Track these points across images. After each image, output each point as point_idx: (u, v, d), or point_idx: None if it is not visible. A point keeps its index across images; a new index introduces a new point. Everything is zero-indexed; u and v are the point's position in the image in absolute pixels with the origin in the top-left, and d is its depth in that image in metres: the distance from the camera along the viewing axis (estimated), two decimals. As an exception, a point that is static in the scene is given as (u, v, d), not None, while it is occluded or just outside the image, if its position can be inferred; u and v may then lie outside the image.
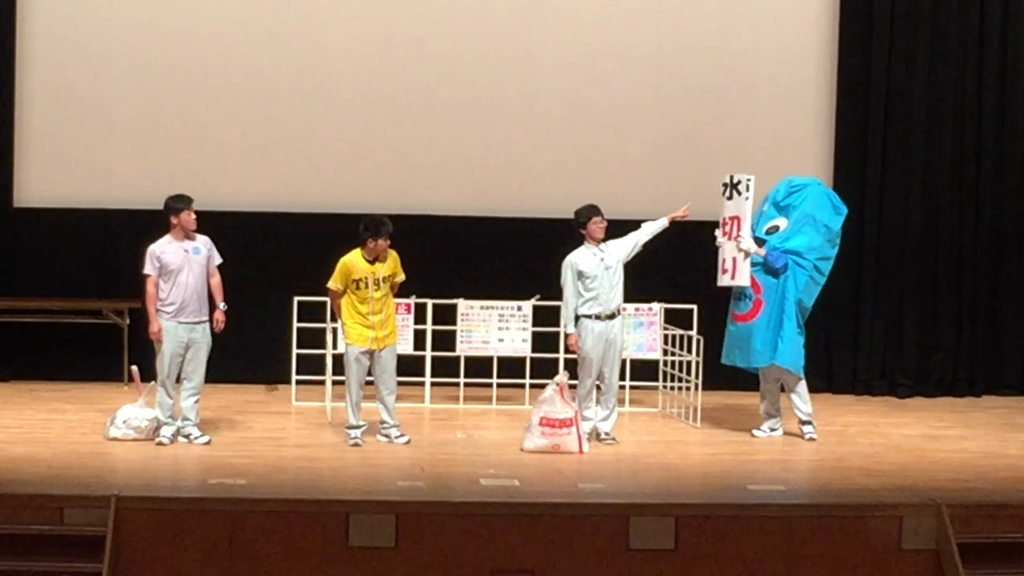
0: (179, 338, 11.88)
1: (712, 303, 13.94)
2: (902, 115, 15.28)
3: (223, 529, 9.83)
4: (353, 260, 12.01)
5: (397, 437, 12.18)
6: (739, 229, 12.58)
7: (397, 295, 12.57)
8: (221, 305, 12.02)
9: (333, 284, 12.08)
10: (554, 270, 12.51)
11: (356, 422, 12.14)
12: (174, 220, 11.98)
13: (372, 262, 12.00)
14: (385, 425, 12.22)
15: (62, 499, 9.90)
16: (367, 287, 11.98)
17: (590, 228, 12.37)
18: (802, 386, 12.78)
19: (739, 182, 12.63)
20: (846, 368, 15.37)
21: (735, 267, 12.59)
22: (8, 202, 14.86)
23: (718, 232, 12.75)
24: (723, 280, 12.72)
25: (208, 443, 11.93)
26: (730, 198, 12.68)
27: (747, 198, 12.60)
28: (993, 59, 15.34)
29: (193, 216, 11.98)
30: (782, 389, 12.90)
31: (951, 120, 15.32)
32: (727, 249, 12.67)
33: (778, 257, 12.54)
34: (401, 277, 12.20)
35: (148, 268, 11.92)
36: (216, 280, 12.06)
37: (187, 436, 11.98)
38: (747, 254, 12.56)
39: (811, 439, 12.72)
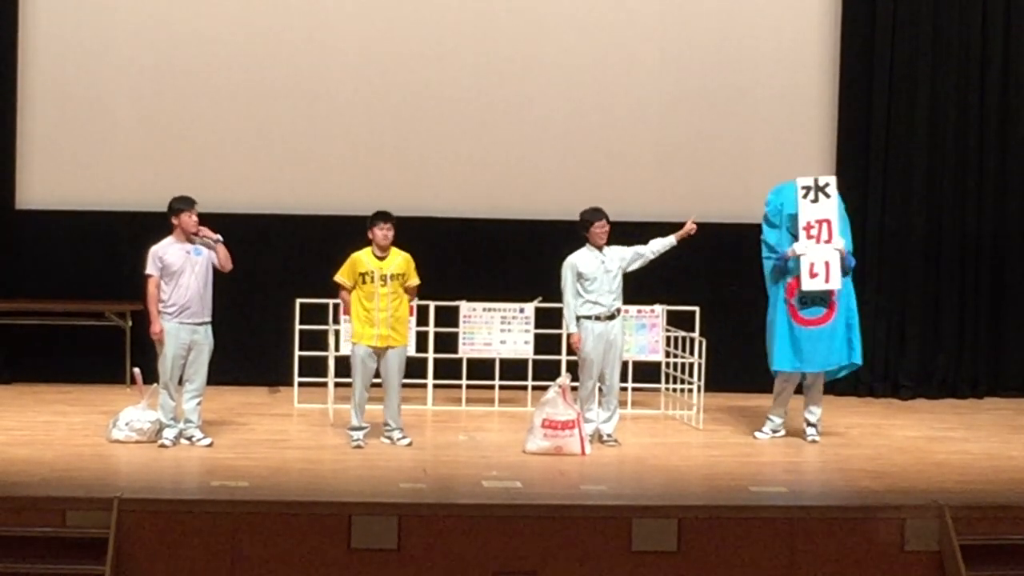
0: (181, 340, 11.88)
1: (714, 305, 13.95)
2: (904, 116, 15.27)
3: (225, 531, 9.83)
4: (361, 254, 12.03)
5: (399, 439, 12.17)
6: (830, 231, 12.51)
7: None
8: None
9: (339, 276, 12.09)
10: (556, 272, 12.50)
11: (358, 423, 12.13)
12: (174, 221, 11.98)
13: (382, 259, 12.00)
14: (388, 427, 12.22)
15: (64, 501, 9.89)
16: (372, 282, 11.97)
17: (592, 232, 12.37)
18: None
19: (826, 184, 12.52)
20: (849, 369, 15.36)
21: (828, 270, 12.44)
22: (10, 204, 14.86)
23: (801, 238, 12.55)
24: (813, 284, 12.46)
25: (210, 445, 11.92)
26: (815, 201, 12.53)
27: (833, 199, 12.54)
28: (996, 59, 15.33)
29: (194, 219, 11.96)
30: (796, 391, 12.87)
31: (954, 121, 15.31)
32: (817, 252, 12.45)
33: (850, 257, 12.59)
34: (415, 281, 12.17)
35: (150, 269, 11.92)
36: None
37: (189, 438, 11.98)
38: (842, 255, 12.52)
39: (813, 441, 12.71)
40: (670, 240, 12.56)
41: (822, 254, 12.50)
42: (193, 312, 11.90)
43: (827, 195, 12.54)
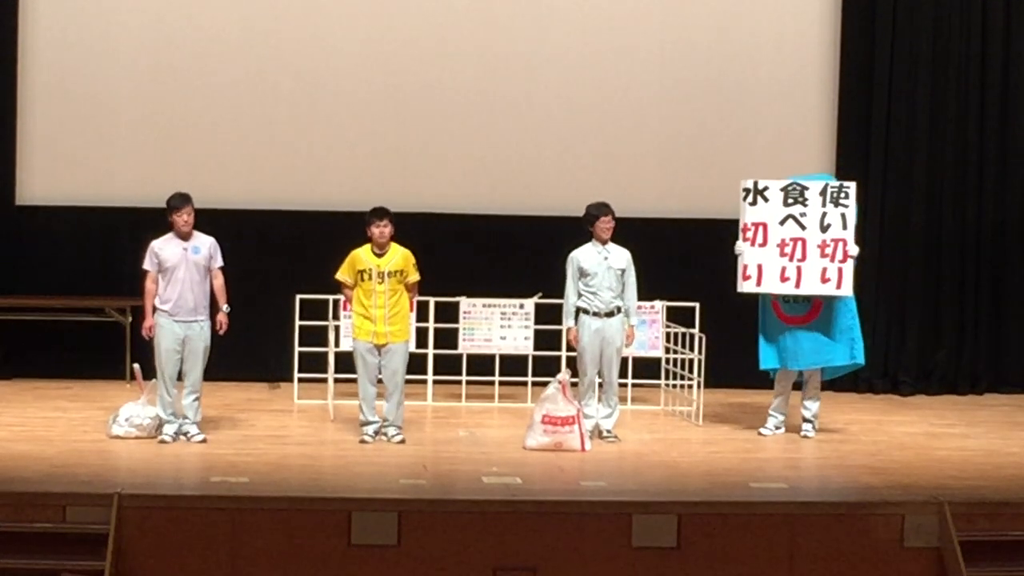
0: (175, 334, 11.88)
1: (714, 302, 13.95)
2: (905, 112, 15.27)
3: (225, 527, 9.83)
4: (360, 252, 12.05)
5: (393, 435, 12.12)
6: (765, 235, 12.43)
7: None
8: (224, 307, 12.00)
9: (340, 274, 12.11)
10: (556, 268, 12.50)
11: (366, 418, 12.11)
12: (169, 219, 11.97)
13: (380, 256, 12.00)
14: (385, 423, 12.20)
15: (65, 497, 9.90)
16: (371, 279, 11.98)
17: (596, 228, 12.38)
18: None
19: (765, 188, 12.41)
20: (849, 366, 15.36)
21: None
22: (10, 200, 14.87)
23: (739, 239, 12.60)
24: (746, 286, 12.52)
25: (204, 441, 11.90)
26: (753, 203, 12.42)
27: (773, 203, 12.53)
28: (996, 55, 15.33)
29: (185, 219, 11.86)
30: (794, 388, 12.86)
31: (954, 117, 15.31)
32: (751, 255, 12.46)
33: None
34: (414, 278, 12.15)
35: (147, 263, 11.95)
36: (219, 282, 12.04)
37: (185, 434, 11.97)
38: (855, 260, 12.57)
39: (806, 436, 12.70)
40: (631, 320, 12.48)
41: (755, 257, 12.49)
42: (186, 309, 11.88)
43: (765, 199, 12.50)
